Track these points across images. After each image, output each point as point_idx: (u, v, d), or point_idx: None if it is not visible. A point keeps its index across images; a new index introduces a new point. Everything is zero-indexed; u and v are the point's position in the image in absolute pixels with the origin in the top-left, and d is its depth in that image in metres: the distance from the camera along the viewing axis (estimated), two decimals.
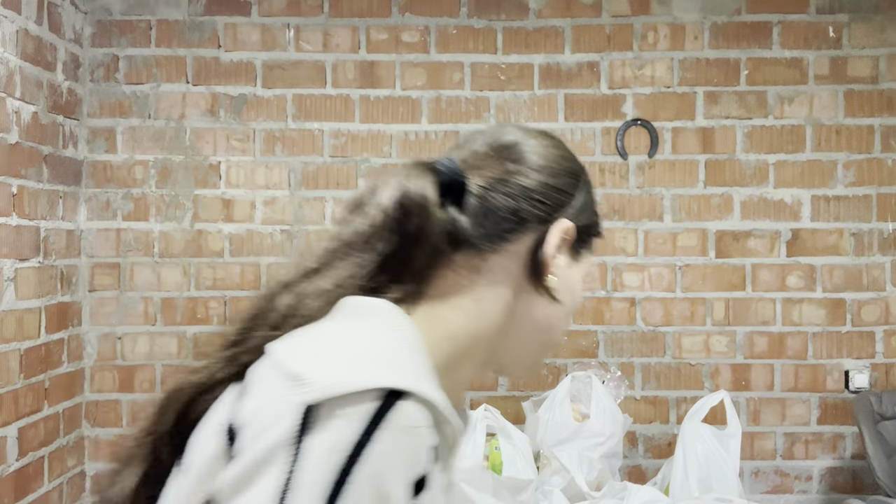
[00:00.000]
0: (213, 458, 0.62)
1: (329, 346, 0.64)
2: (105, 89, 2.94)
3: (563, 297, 0.80)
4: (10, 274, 2.40)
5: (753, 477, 2.96)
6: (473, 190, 0.77)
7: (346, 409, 0.58)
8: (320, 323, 0.68)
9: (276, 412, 0.59)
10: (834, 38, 2.96)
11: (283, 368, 0.62)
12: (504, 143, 0.82)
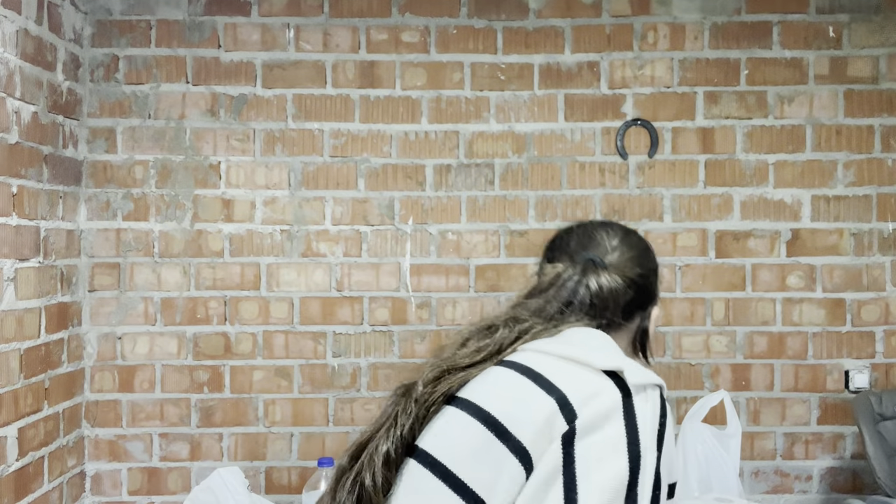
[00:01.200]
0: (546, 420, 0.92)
1: (613, 352, 1.04)
2: (105, 89, 2.94)
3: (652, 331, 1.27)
4: (10, 274, 2.40)
5: (753, 477, 2.96)
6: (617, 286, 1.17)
7: (653, 392, 0.98)
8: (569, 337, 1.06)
9: (600, 387, 0.95)
10: (834, 38, 2.96)
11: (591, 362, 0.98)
12: (632, 254, 1.24)
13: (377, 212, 2.97)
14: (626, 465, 0.88)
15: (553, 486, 0.87)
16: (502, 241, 2.97)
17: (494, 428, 0.91)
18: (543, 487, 0.88)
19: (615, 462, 0.88)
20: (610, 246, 1.23)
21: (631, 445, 0.89)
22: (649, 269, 1.27)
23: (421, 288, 2.97)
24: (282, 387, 2.96)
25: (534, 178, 2.97)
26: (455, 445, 0.92)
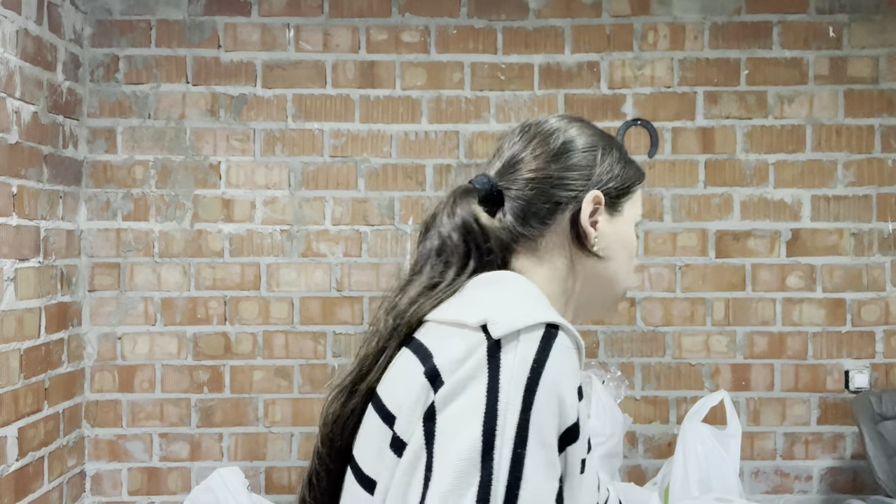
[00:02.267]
0: (417, 398, 0.81)
1: (494, 300, 0.86)
2: (105, 89, 2.94)
3: (614, 250, 1.00)
4: (10, 274, 2.40)
5: (753, 477, 2.96)
6: (511, 195, 0.99)
7: (526, 335, 0.80)
8: (466, 292, 0.91)
9: (467, 348, 0.81)
10: (834, 38, 2.96)
11: (456, 322, 0.84)
12: (520, 151, 1.01)
13: (377, 212, 2.97)
14: (479, 431, 0.75)
15: (417, 469, 0.79)
16: None
17: (388, 421, 0.85)
18: (410, 470, 0.79)
19: (469, 430, 0.76)
20: (508, 152, 1.03)
21: (489, 406, 0.76)
22: (554, 153, 0.99)
23: None
24: (282, 387, 2.96)
25: None
26: (365, 448, 0.89)
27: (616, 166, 1.01)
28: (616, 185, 1.01)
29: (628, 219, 1.03)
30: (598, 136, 1.03)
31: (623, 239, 1.01)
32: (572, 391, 0.80)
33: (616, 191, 1.01)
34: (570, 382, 0.80)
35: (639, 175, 1.05)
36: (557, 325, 0.82)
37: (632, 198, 1.03)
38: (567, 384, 0.79)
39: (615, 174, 1.01)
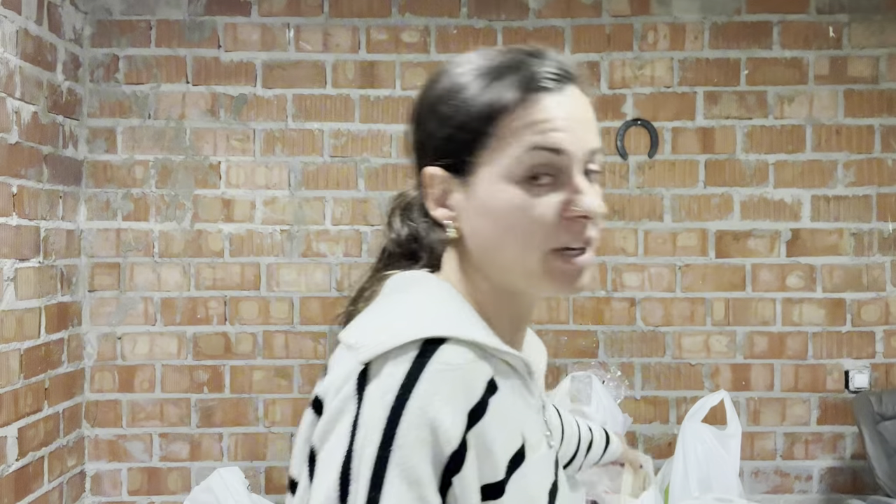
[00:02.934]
0: (304, 437, 0.76)
1: (376, 316, 0.78)
2: (105, 89, 2.94)
3: (481, 226, 0.78)
4: (10, 274, 2.40)
5: (753, 477, 2.96)
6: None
7: (393, 360, 0.70)
8: (374, 303, 0.83)
9: (344, 376, 0.72)
10: (834, 38, 2.96)
11: (345, 343, 0.76)
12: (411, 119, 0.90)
13: (377, 212, 2.97)
14: (336, 475, 0.67)
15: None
16: None
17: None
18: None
19: (329, 474, 0.68)
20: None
21: (349, 446, 0.68)
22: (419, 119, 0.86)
23: None
24: (282, 387, 2.96)
25: None
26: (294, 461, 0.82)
27: (449, 118, 0.79)
28: (454, 148, 0.79)
29: (494, 177, 0.76)
30: (432, 90, 0.82)
31: (488, 209, 0.77)
32: (453, 414, 0.68)
33: (456, 153, 0.79)
34: (449, 405, 0.68)
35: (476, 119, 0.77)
36: (441, 339, 0.71)
37: (494, 143, 0.76)
38: (443, 408, 0.67)
39: (449, 130, 0.79)
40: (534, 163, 0.75)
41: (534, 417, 0.82)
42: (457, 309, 0.78)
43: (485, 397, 0.72)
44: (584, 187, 0.76)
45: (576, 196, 0.76)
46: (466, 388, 0.70)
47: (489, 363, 0.74)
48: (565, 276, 0.77)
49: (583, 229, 0.77)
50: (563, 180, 0.76)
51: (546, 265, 0.77)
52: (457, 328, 0.73)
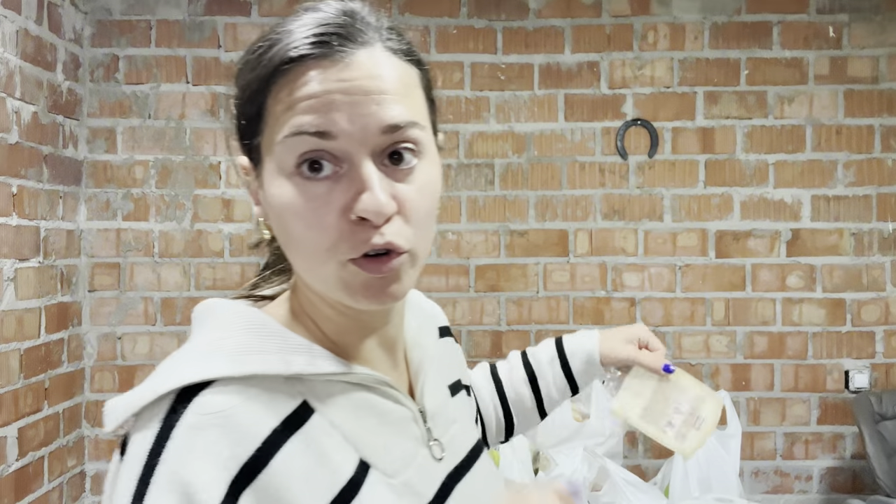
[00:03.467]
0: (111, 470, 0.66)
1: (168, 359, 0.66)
2: (105, 89, 2.94)
3: (275, 227, 0.66)
4: (10, 274, 2.40)
5: (753, 477, 2.96)
6: None
7: (143, 421, 0.59)
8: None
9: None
10: (834, 38, 2.96)
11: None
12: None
13: None
14: None
15: None
16: (502, 241, 2.97)
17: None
18: None
19: None
20: None
21: None
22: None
23: (421, 288, 2.95)
24: None
25: (534, 178, 2.97)
26: None
27: (240, 92, 0.68)
28: (243, 128, 0.68)
29: (271, 168, 0.65)
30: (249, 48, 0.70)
31: (270, 207, 0.65)
32: (214, 469, 0.57)
33: (244, 134, 0.68)
34: (207, 460, 0.57)
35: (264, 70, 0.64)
36: (203, 384, 0.60)
37: (265, 127, 0.65)
38: (199, 465, 0.57)
39: (238, 108, 0.68)
40: (300, 151, 0.61)
41: (398, 432, 0.70)
42: (239, 342, 0.64)
43: (274, 438, 0.60)
44: (370, 180, 0.61)
45: (359, 195, 0.61)
46: (235, 435, 0.59)
47: (298, 389, 0.63)
48: (367, 289, 0.63)
49: (370, 235, 0.61)
50: (348, 170, 0.62)
51: (340, 278, 0.63)
52: (225, 366, 0.61)
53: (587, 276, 2.96)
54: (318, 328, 0.70)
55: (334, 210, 0.61)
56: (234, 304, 0.70)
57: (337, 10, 0.65)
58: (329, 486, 0.62)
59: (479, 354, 2.96)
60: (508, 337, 2.97)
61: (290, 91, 0.62)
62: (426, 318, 0.86)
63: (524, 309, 2.96)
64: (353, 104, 0.61)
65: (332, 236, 0.61)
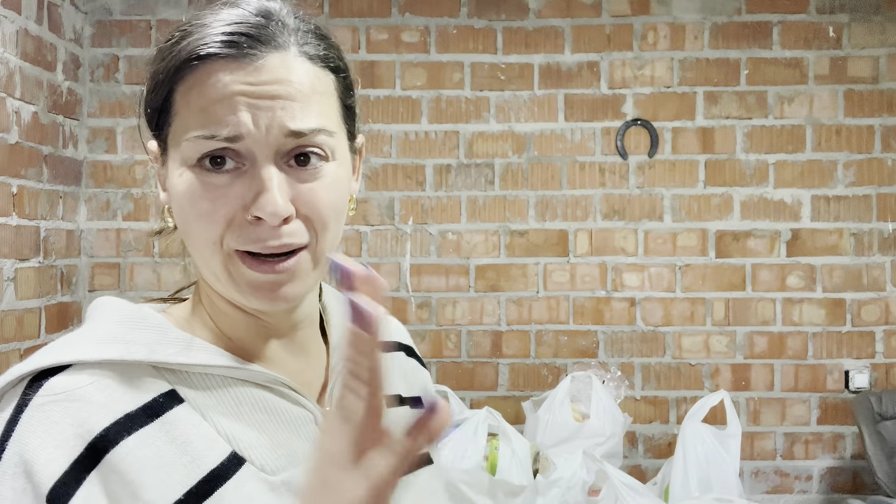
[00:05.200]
0: None
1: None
2: (105, 89, 2.94)
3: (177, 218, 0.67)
4: (10, 274, 2.40)
5: (753, 477, 2.95)
6: None
7: (4, 402, 0.61)
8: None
9: None
10: (834, 38, 2.96)
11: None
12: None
13: (377, 212, 2.97)
14: None
15: None
16: (502, 241, 2.97)
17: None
18: None
19: None
20: None
21: None
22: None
23: (421, 288, 2.97)
24: None
25: (534, 178, 2.97)
26: None
27: (151, 79, 0.67)
28: (152, 116, 0.67)
29: (176, 158, 0.65)
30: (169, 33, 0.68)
31: (172, 197, 0.66)
32: (54, 447, 0.57)
33: (154, 122, 0.67)
34: (48, 438, 0.58)
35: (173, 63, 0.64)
36: (53, 369, 0.60)
37: (173, 119, 0.65)
38: (40, 444, 0.57)
39: (149, 95, 0.67)
40: (205, 150, 0.62)
41: (292, 431, 0.68)
42: (107, 330, 0.65)
43: (126, 422, 0.60)
44: (269, 182, 0.61)
45: (258, 195, 0.62)
46: (81, 415, 0.59)
47: (168, 379, 0.63)
48: (254, 287, 0.64)
49: (268, 235, 0.62)
50: (250, 169, 0.62)
51: (228, 271, 0.65)
52: (82, 351, 0.61)
53: (587, 276, 2.96)
54: (217, 326, 0.70)
55: (231, 203, 0.62)
56: (121, 300, 0.70)
57: (255, 8, 0.65)
58: (188, 474, 0.61)
59: (479, 354, 2.96)
60: (508, 337, 2.97)
61: (198, 90, 0.62)
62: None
63: (524, 309, 2.96)
64: (258, 108, 0.61)
65: (221, 227, 0.63)
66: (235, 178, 0.62)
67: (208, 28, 0.63)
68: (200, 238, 0.64)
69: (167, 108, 0.65)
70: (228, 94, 0.61)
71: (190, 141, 0.62)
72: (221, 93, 0.61)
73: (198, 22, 0.65)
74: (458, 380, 2.93)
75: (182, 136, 0.63)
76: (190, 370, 0.65)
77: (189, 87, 0.63)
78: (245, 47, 0.62)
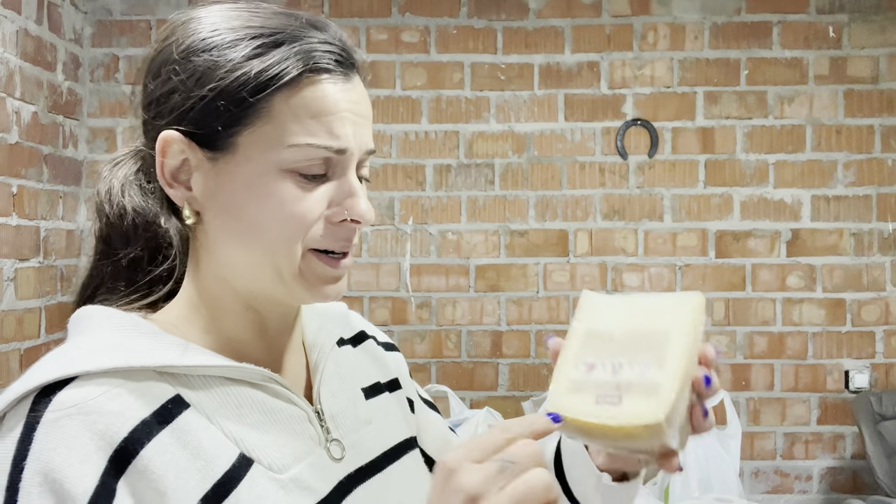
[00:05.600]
0: None
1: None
2: (105, 89, 2.94)
3: (235, 211, 0.66)
4: (10, 274, 2.40)
5: (753, 477, 2.96)
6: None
7: (5, 427, 0.59)
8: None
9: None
10: (834, 38, 2.96)
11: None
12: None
13: (377, 212, 2.97)
14: None
15: None
16: (502, 241, 2.97)
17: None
18: None
19: None
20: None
21: None
22: (161, 67, 0.68)
23: (421, 288, 2.97)
24: None
25: (534, 178, 2.97)
26: None
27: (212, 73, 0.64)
28: (208, 111, 0.64)
29: (258, 161, 0.65)
30: (215, 27, 0.66)
31: (244, 197, 0.65)
32: (80, 463, 0.57)
33: (209, 118, 0.64)
34: (73, 454, 0.57)
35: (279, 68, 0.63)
36: (63, 382, 0.60)
37: (261, 122, 0.64)
38: (65, 460, 0.57)
39: (203, 89, 0.64)
40: (314, 157, 0.65)
41: (288, 430, 0.69)
42: (104, 339, 0.65)
43: (143, 428, 0.60)
44: (359, 190, 0.69)
45: (349, 199, 0.67)
46: (99, 426, 0.59)
47: (171, 384, 0.64)
48: (320, 279, 0.68)
49: (350, 235, 0.70)
50: (337, 178, 0.68)
51: (301, 265, 0.67)
52: (85, 362, 0.61)
53: (587, 276, 2.96)
54: (219, 330, 0.71)
55: (321, 207, 0.67)
56: (109, 309, 0.69)
57: (336, 32, 0.70)
58: (202, 479, 0.62)
59: (478, 354, 2.96)
60: (508, 337, 2.97)
61: (312, 100, 0.65)
62: (330, 322, 0.84)
63: (524, 309, 2.96)
64: (356, 124, 0.67)
65: (308, 227, 0.66)
66: (322, 184, 0.67)
67: (313, 42, 0.66)
68: (279, 238, 0.66)
69: (254, 109, 0.64)
70: (340, 110, 0.66)
71: (297, 147, 0.65)
72: (335, 107, 0.66)
73: (295, 33, 0.66)
74: (458, 380, 2.93)
75: (282, 141, 0.64)
76: (191, 373, 0.66)
77: (296, 95, 0.64)
78: (348, 67, 0.68)
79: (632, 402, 0.61)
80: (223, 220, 0.67)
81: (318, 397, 0.75)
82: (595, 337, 0.67)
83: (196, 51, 0.65)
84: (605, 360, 0.65)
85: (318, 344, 0.79)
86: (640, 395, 0.62)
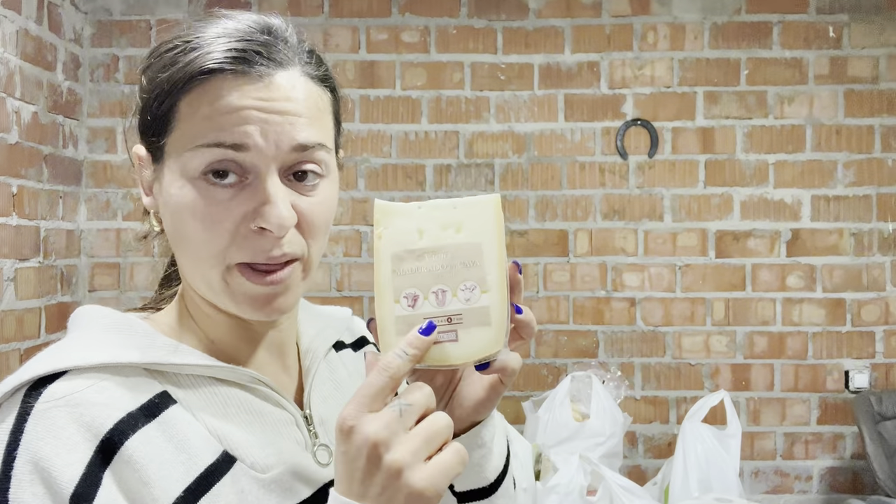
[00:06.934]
0: None
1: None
2: (105, 89, 2.94)
3: (166, 221, 0.69)
4: (10, 274, 2.40)
5: (753, 477, 2.96)
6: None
7: (4, 411, 0.62)
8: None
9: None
10: (834, 38, 2.96)
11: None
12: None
13: None
14: None
15: None
16: None
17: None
18: None
19: None
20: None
21: None
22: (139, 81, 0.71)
23: None
24: None
25: (534, 178, 2.97)
26: None
27: (151, 86, 0.67)
28: (149, 123, 0.67)
29: (174, 169, 0.65)
30: (165, 40, 0.70)
31: (167, 206, 0.67)
32: (67, 452, 0.59)
33: (150, 129, 0.67)
34: (60, 444, 0.59)
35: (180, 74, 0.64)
36: (48, 378, 0.62)
37: (175, 129, 0.65)
38: (53, 449, 0.59)
39: (146, 102, 0.67)
40: (211, 160, 0.63)
41: (274, 433, 0.70)
42: (97, 336, 0.67)
43: (129, 420, 0.62)
44: (275, 194, 0.63)
45: (263, 206, 0.63)
46: (86, 418, 0.60)
47: (159, 381, 0.65)
48: (251, 299, 0.66)
49: (270, 245, 0.64)
50: (253, 182, 0.64)
51: (226, 283, 0.66)
52: (76, 356, 0.63)
53: (587, 276, 2.96)
54: (204, 333, 0.72)
55: (233, 216, 0.64)
56: (105, 308, 0.72)
57: (260, 25, 0.67)
58: (186, 472, 0.63)
59: None
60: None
61: (207, 101, 0.64)
62: (330, 326, 0.84)
63: None
64: (267, 122, 0.63)
65: (225, 240, 0.64)
66: (238, 192, 0.64)
67: (216, 42, 0.65)
68: (200, 250, 0.65)
69: (169, 117, 0.65)
70: (237, 108, 0.63)
71: (194, 150, 0.64)
72: (229, 106, 0.63)
73: (203, 34, 0.67)
74: None
75: (185, 146, 0.64)
76: (180, 371, 0.67)
77: (196, 100, 0.64)
78: (254, 64, 0.64)
79: (470, 337, 0.64)
80: (167, 231, 0.70)
81: (308, 402, 0.76)
82: (405, 260, 0.64)
83: (144, 70, 0.69)
84: (426, 288, 0.64)
85: (312, 349, 0.80)
86: (474, 326, 0.64)
